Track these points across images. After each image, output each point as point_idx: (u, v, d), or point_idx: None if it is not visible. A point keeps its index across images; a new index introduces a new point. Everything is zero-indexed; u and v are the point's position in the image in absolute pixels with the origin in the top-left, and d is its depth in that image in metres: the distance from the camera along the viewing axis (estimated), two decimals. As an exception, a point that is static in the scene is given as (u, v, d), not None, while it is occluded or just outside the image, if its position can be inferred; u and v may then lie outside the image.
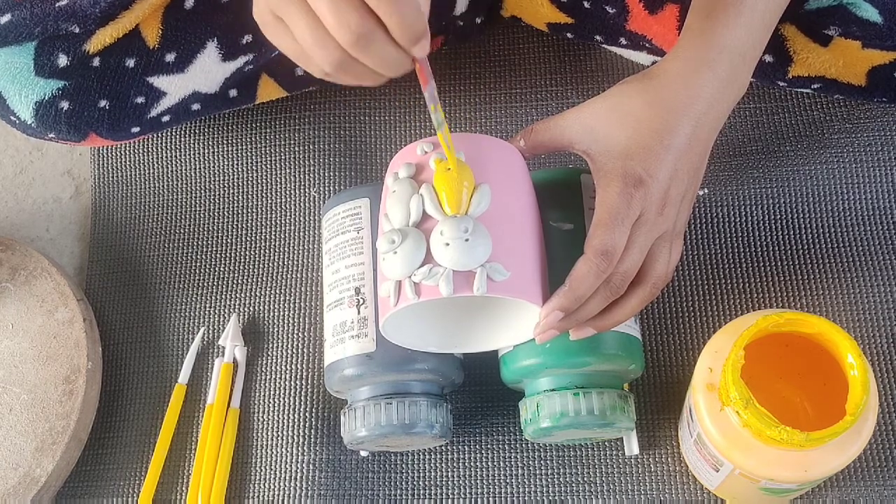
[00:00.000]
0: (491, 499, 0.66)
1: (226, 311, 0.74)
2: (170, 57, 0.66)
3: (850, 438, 0.53)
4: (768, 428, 0.51)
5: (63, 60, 0.63)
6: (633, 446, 0.65)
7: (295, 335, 0.71)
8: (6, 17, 0.62)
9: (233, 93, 0.72)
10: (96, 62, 0.64)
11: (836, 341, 0.52)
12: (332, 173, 0.76)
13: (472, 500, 0.66)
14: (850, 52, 0.64)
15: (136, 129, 0.69)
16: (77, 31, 0.62)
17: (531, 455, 0.66)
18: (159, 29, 0.65)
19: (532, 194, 0.57)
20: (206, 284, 0.75)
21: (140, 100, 0.67)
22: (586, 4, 0.70)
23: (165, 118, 0.70)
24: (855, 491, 0.63)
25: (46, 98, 0.64)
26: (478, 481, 0.66)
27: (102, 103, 0.66)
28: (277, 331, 0.72)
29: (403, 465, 0.67)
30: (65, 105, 0.65)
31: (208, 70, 0.68)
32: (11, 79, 0.64)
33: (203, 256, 0.76)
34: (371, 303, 0.61)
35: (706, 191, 0.72)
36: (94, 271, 0.77)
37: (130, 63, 0.65)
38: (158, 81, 0.67)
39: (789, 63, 0.66)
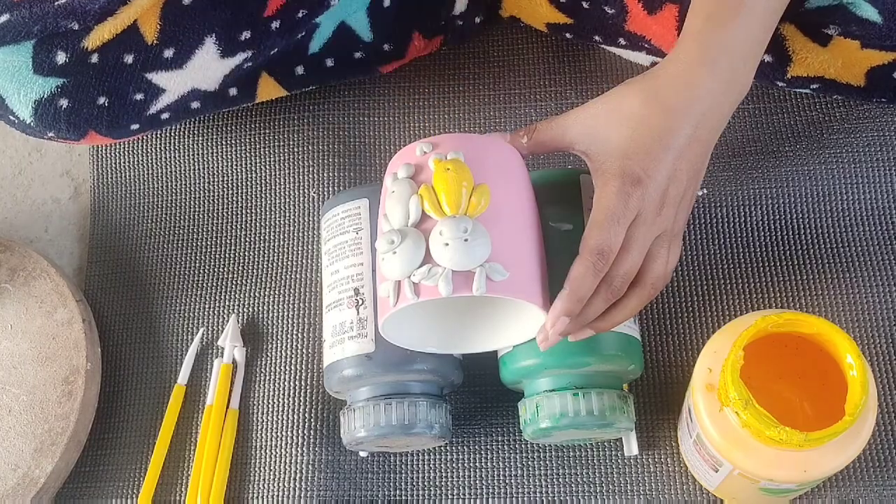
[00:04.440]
0: (490, 499, 0.66)
1: (225, 311, 0.73)
2: (168, 52, 0.66)
3: (850, 439, 0.53)
4: (767, 428, 0.51)
5: (61, 58, 0.63)
6: (632, 447, 0.65)
7: (294, 335, 0.71)
8: (4, 17, 0.62)
9: (232, 91, 0.72)
10: (95, 59, 0.64)
11: (836, 342, 0.52)
12: (331, 173, 0.76)
13: (472, 500, 0.66)
14: (849, 52, 0.64)
15: (135, 127, 0.69)
16: (76, 27, 0.62)
17: (531, 455, 0.66)
18: (157, 24, 0.65)
19: (531, 194, 0.57)
20: (205, 285, 0.75)
21: (139, 96, 0.67)
22: (585, 5, 0.70)
23: (165, 115, 0.70)
24: (854, 491, 0.63)
25: (45, 96, 0.64)
26: (477, 481, 0.66)
27: (101, 100, 0.66)
28: (277, 331, 0.72)
29: (403, 466, 0.67)
30: (64, 103, 0.65)
31: (207, 66, 0.68)
32: (10, 78, 0.64)
33: (203, 257, 0.76)
34: (370, 303, 0.61)
35: (706, 191, 0.72)
36: (94, 272, 0.77)
37: (129, 59, 0.65)
38: (157, 78, 0.67)
39: (788, 63, 0.66)
